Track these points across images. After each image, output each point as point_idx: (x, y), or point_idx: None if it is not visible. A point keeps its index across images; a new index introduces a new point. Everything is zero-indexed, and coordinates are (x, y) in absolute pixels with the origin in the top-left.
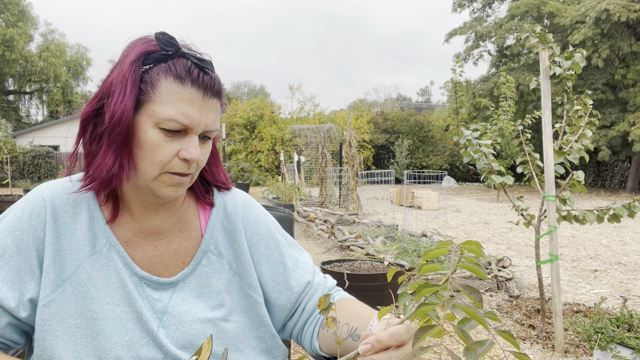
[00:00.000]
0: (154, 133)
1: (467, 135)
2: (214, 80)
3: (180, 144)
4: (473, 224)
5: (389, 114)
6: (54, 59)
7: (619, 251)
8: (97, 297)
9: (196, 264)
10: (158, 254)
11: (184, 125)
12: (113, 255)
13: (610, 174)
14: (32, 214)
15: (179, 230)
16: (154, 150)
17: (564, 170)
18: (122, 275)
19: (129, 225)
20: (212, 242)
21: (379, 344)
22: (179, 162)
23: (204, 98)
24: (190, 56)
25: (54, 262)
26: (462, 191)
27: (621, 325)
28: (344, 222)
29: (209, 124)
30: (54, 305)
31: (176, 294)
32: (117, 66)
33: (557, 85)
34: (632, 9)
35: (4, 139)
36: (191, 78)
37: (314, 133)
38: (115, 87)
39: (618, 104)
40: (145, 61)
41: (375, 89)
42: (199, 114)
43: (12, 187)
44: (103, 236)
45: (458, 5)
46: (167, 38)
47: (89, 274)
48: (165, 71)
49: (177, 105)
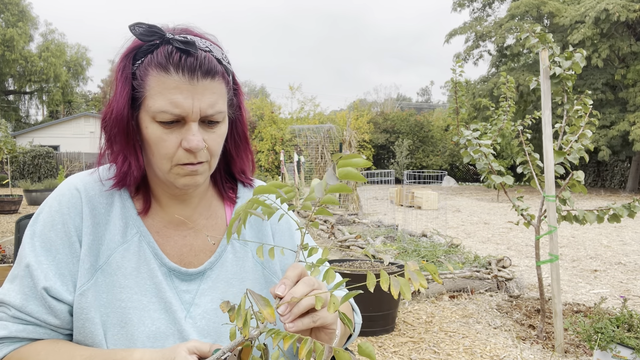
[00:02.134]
0: (153, 127)
1: (467, 135)
2: (200, 60)
3: (181, 134)
4: (473, 224)
5: (389, 114)
6: (54, 59)
7: (619, 251)
8: (126, 287)
9: (221, 252)
10: (188, 243)
11: (176, 114)
12: (143, 246)
13: (610, 174)
14: (69, 205)
15: (206, 219)
16: (157, 145)
17: (564, 170)
18: (152, 265)
19: (158, 217)
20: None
21: (288, 279)
22: (184, 153)
23: (192, 82)
24: (174, 41)
25: (89, 252)
26: (462, 191)
27: (621, 325)
28: (344, 222)
29: (205, 108)
30: (89, 294)
31: (203, 283)
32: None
33: (557, 85)
34: (632, 9)
35: (4, 139)
36: (173, 64)
37: (314, 133)
38: (111, 87)
39: (618, 104)
40: (136, 56)
41: (375, 89)
42: (190, 100)
43: (12, 187)
44: (134, 226)
45: (458, 5)
46: (147, 28)
47: (119, 263)
48: (150, 63)
49: (165, 95)
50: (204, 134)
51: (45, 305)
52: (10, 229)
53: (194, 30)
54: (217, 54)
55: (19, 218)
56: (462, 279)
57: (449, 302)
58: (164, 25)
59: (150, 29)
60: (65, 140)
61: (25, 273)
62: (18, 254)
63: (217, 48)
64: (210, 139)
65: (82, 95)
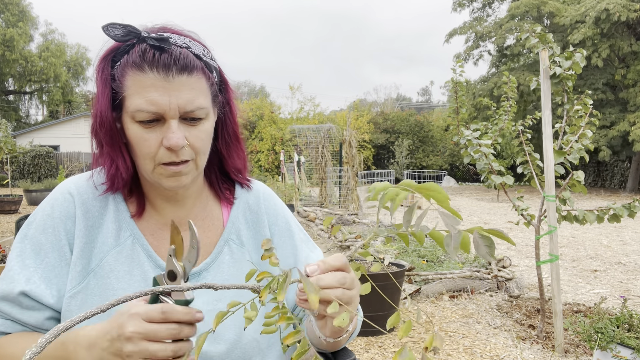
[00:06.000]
0: (134, 128)
1: (467, 135)
2: (175, 56)
3: (162, 132)
4: (473, 224)
5: (389, 114)
6: (54, 59)
7: (619, 251)
8: (118, 289)
9: (218, 253)
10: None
11: (153, 112)
12: (137, 248)
13: (610, 174)
14: (61, 209)
15: (202, 220)
16: (139, 144)
17: (564, 170)
18: (145, 267)
19: (153, 219)
20: (234, 231)
21: (324, 264)
22: (165, 152)
23: (168, 78)
24: (149, 39)
25: (81, 255)
26: (462, 191)
27: (621, 325)
28: (344, 222)
29: (184, 104)
30: (79, 297)
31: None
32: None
33: (557, 85)
34: (632, 9)
35: (4, 139)
36: (147, 62)
37: (314, 133)
38: (95, 90)
39: (618, 104)
40: (115, 58)
41: (376, 89)
42: (167, 97)
43: (12, 187)
44: (127, 228)
45: (458, 5)
46: (121, 28)
47: (112, 265)
48: (126, 63)
49: (141, 93)
50: (185, 131)
51: (22, 307)
52: (10, 229)
53: (172, 27)
54: (196, 49)
55: (18, 218)
56: (462, 279)
57: (449, 302)
58: (142, 25)
59: (124, 29)
60: (65, 140)
61: (5, 275)
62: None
63: (197, 44)
64: (193, 135)
65: (82, 95)
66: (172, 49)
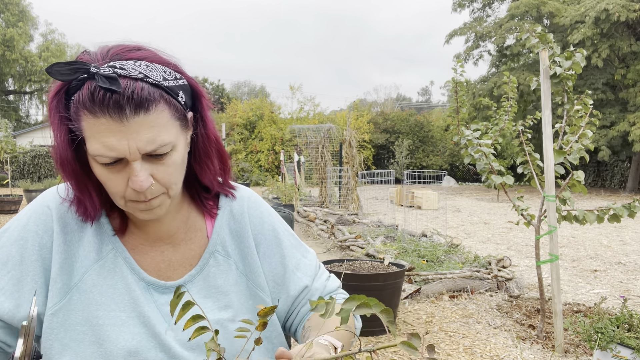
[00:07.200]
0: (98, 168)
1: (468, 135)
2: (127, 95)
3: (127, 172)
4: (473, 224)
5: (389, 114)
6: (54, 59)
7: (619, 251)
8: (102, 304)
9: (203, 265)
10: (166, 258)
11: (113, 157)
12: (119, 262)
13: (610, 174)
14: (37, 222)
15: (185, 233)
16: (106, 184)
17: (564, 170)
18: (129, 281)
19: (134, 235)
20: (220, 242)
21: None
22: (132, 191)
23: (122, 121)
24: (98, 76)
25: (61, 271)
26: (462, 191)
27: (621, 325)
28: (344, 222)
29: (143, 146)
30: (61, 314)
31: (185, 296)
32: None
33: (557, 85)
34: (632, 9)
35: (4, 139)
36: (97, 104)
37: (314, 133)
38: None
39: (618, 104)
40: (69, 91)
41: (376, 89)
42: (125, 141)
43: (12, 187)
44: (109, 242)
45: (458, 5)
46: (66, 67)
47: (95, 280)
48: (78, 102)
49: (98, 138)
50: (151, 168)
51: None
52: None
53: (127, 49)
54: (155, 75)
55: None
56: (462, 279)
57: (449, 302)
58: (95, 47)
59: (71, 66)
60: None
61: None
62: None
63: (155, 67)
64: (160, 171)
65: None
66: (124, 85)
